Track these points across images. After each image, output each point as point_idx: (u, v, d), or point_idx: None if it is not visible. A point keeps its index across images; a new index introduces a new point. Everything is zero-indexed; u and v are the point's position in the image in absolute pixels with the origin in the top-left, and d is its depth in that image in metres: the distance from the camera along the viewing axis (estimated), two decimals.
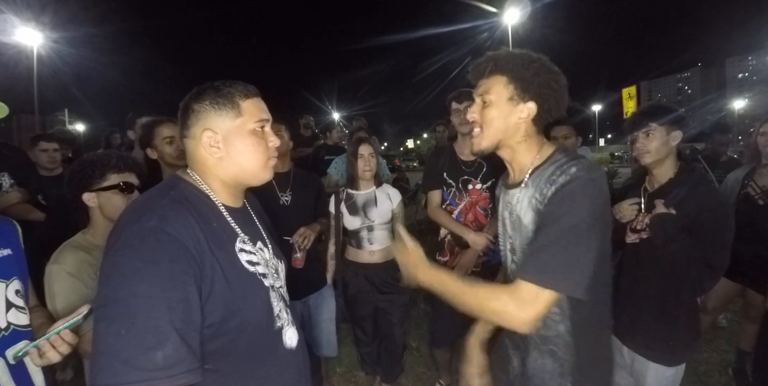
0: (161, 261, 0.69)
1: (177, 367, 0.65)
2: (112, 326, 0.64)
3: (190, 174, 0.87)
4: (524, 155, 1.04)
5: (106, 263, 0.70)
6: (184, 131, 0.86)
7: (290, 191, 2.01)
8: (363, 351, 2.33)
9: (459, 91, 2.11)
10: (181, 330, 0.67)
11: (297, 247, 1.92)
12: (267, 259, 0.91)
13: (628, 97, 25.25)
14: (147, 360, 0.63)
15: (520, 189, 1.04)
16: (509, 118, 1.00)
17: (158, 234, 0.70)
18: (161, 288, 0.67)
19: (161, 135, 1.81)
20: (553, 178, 0.94)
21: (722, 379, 2.46)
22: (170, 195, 0.79)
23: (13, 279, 1.03)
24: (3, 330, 0.97)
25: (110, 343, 0.63)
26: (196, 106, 0.84)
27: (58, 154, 2.76)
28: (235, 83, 0.86)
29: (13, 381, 0.97)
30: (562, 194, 0.90)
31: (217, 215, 0.84)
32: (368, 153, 2.14)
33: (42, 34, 14.57)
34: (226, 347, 0.77)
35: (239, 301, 0.78)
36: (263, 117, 0.87)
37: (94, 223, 1.28)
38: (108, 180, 1.24)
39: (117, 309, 0.65)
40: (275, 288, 0.89)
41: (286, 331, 0.90)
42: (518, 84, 0.98)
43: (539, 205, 0.96)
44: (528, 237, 1.01)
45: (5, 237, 1.07)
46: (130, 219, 0.74)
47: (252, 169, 0.87)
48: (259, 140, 0.86)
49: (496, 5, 16.08)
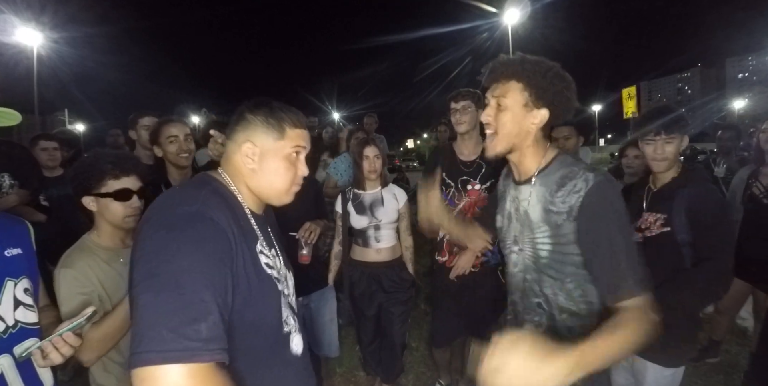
0: (206, 241, 0.72)
1: (215, 343, 0.66)
2: (159, 296, 0.65)
3: (222, 175, 0.91)
4: (531, 159, 1.08)
5: (150, 239, 0.72)
6: (230, 133, 0.91)
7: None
8: (365, 352, 2.33)
9: (458, 90, 2.12)
10: (222, 307, 0.70)
11: (303, 242, 1.91)
12: (279, 267, 0.94)
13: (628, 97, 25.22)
14: (193, 331, 0.63)
15: (529, 186, 1.08)
16: (523, 123, 1.04)
17: (203, 218, 0.74)
18: (206, 266, 0.70)
19: (166, 134, 1.83)
20: (568, 183, 0.99)
21: (724, 380, 2.45)
22: (208, 188, 0.84)
23: (23, 278, 1.04)
24: (11, 327, 0.98)
25: (158, 312, 0.64)
26: (249, 117, 0.89)
27: (58, 153, 2.76)
28: (290, 110, 0.92)
29: (20, 377, 0.98)
30: (592, 201, 0.96)
31: (244, 215, 0.88)
32: (373, 154, 2.15)
33: (42, 34, 14.57)
34: (241, 342, 0.79)
35: (257, 298, 0.81)
36: (301, 144, 0.92)
37: (99, 226, 1.28)
38: (106, 186, 1.22)
39: (164, 282, 0.66)
40: (285, 295, 0.92)
41: (293, 337, 0.92)
42: (534, 91, 1.01)
43: (550, 205, 1.02)
44: (534, 231, 1.06)
45: (17, 236, 1.08)
46: (170, 203, 0.77)
47: (276, 190, 0.92)
48: (290, 166, 0.91)
49: (496, 5, 16.10)
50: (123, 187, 1.24)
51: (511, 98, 1.03)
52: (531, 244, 1.09)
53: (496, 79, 1.06)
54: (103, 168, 1.22)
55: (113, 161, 1.24)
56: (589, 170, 0.99)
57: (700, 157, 13.77)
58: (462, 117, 2.05)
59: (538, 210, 1.05)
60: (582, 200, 0.96)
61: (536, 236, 1.07)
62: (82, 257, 1.20)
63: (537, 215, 1.05)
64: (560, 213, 1.00)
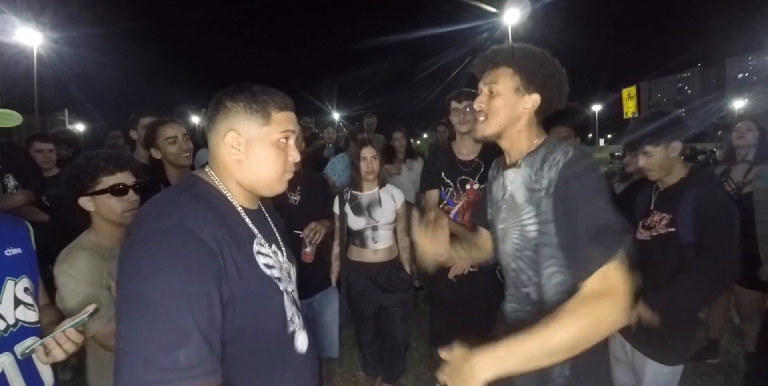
0: (183, 257, 0.67)
1: (198, 367, 0.63)
2: (133, 324, 0.63)
3: (209, 173, 0.86)
4: (522, 143, 1.08)
5: (126, 260, 0.68)
6: (210, 125, 0.85)
7: (299, 191, 2.03)
8: (365, 352, 2.34)
9: (459, 90, 2.12)
10: (204, 329, 0.66)
11: (307, 242, 1.93)
12: (281, 262, 0.91)
13: (628, 97, 25.23)
14: (169, 360, 0.61)
15: (515, 169, 1.08)
16: (515, 108, 1.04)
17: (180, 231, 0.69)
18: (183, 285, 0.65)
19: (164, 135, 1.83)
20: (549, 157, 0.98)
21: (724, 380, 2.45)
22: (190, 193, 0.78)
23: (23, 277, 1.05)
24: (11, 326, 0.99)
25: (132, 342, 0.62)
26: (229, 104, 0.82)
27: (53, 155, 2.77)
28: (273, 92, 0.85)
29: (21, 376, 0.99)
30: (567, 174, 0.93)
31: (235, 216, 0.83)
32: (371, 155, 2.15)
33: (42, 34, 14.57)
34: (242, 351, 0.77)
35: (257, 305, 0.78)
36: (290, 128, 0.86)
37: (96, 225, 1.28)
38: (100, 183, 1.23)
39: (138, 308, 0.63)
40: (288, 292, 0.89)
41: (297, 336, 0.90)
42: (524, 75, 1.02)
43: (534, 184, 1.00)
44: (520, 213, 1.04)
45: (17, 236, 1.08)
46: (150, 216, 0.73)
47: (267, 179, 0.86)
48: (279, 152, 0.85)
49: (496, 5, 16.11)
50: (118, 182, 1.24)
51: (502, 83, 1.04)
52: (519, 228, 1.05)
53: (486, 67, 1.08)
54: (97, 165, 1.23)
55: (105, 158, 1.25)
56: (568, 145, 0.99)
57: (700, 157, 13.76)
58: (466, 116, 2.05)
59: (522, 191, 1.04)
60: (559, 171, 0.94)
61: (522, 218, 1.04)
62: (80, 254, 1.20)
63: (521, 196, 1.04)
64: (541, 190, 0.98)
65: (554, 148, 1.00)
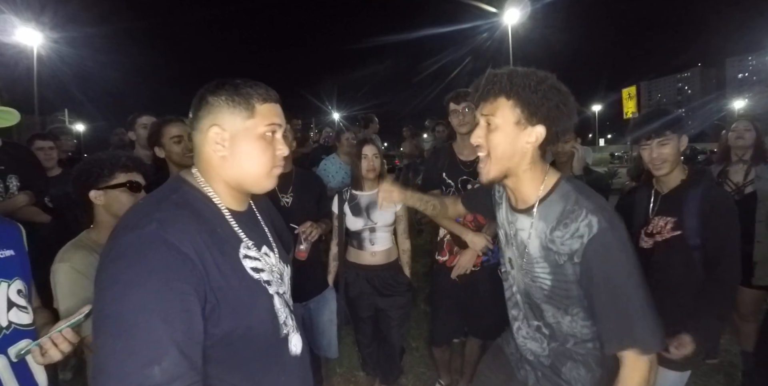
0: (159, 271, 0.65)
1: (176, 382, 0.62)
2: (108, 340, 0.62)
3: (195, 175, 0.83)
4: (529, 185, 1.02)
5: (102, 273, 0.67)
6: (194, 122, 0.82)
7: (291, 192, 1.99)
8: (364, 353, 2.33)
9: (457, 91, 2.11)
10: (181, 343, 0.64)
11: (303, 238, 1.88)
12: (272, 264, 0.88)
13: (628, 97, 25.24)
14: (144, 376, 0.60)
15: (527, 216, 1.03)
16: (516, 142, 0.97)
17: (156, 243, 0.67)
18: (160, 301, 0.64)
19: (169, 134, 1.83)
20: (569, 222, 0.95)
21: (724, 380, 2.45)
22: (171, 199, 0.76)
23: (15, 279, 1.04)
24: (4, 328, 0.98)
25: (107, 358, 0.61)
26: (211, 99, 0.80)
27: (54, 152, 2.76)
28: (256, 85, 0.82)
29: (15, 378, 0.98)
30: (596, 249, 0.91)
31: (221, 220, 0.80)
32: (372, 153, 2.12)
33: (42, 34, 14.60)
34: (232, 358, 0.76)
35: (245, 311, 0.76)
36: (276, 121, 0.83)
37: (99, 222, 1.28)
38: (116, 178, 1.26)
39: (113, 323, 0.63)
40: (280, 295, 0.86)
41: (291, 338, 0.88)
42: (526, 107, 0.94)
43: (549, 243, 0.98)
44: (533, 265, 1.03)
45: (9, 238, 1.08)
46: (128, 226, 0.71)
47: (254, 175, 0.82)
48: (266, 146, 0.82)
49: (496, 5, 16.13)
50: (135, 179, 1.29)
51: (500, 116, 0.96)
52: (530, 276, 1.06)
53: (483, 97, 0.99)
54: (118, 160, 1.28)
55: (126, 156, 1.32)
56: (592, 212, 0.92)
57: (700, 157, 13.75)
58: (465, 117, 2.04)
59: (537, 246, 1.00)
60: (585, 247, 0.91)
61: (536, 270, 1.04)
62: (79, 253, 1.20)
63: (536, 250, 1.01)
64: (561, 254, 0.96)
65: (573, 212, 0.94)
